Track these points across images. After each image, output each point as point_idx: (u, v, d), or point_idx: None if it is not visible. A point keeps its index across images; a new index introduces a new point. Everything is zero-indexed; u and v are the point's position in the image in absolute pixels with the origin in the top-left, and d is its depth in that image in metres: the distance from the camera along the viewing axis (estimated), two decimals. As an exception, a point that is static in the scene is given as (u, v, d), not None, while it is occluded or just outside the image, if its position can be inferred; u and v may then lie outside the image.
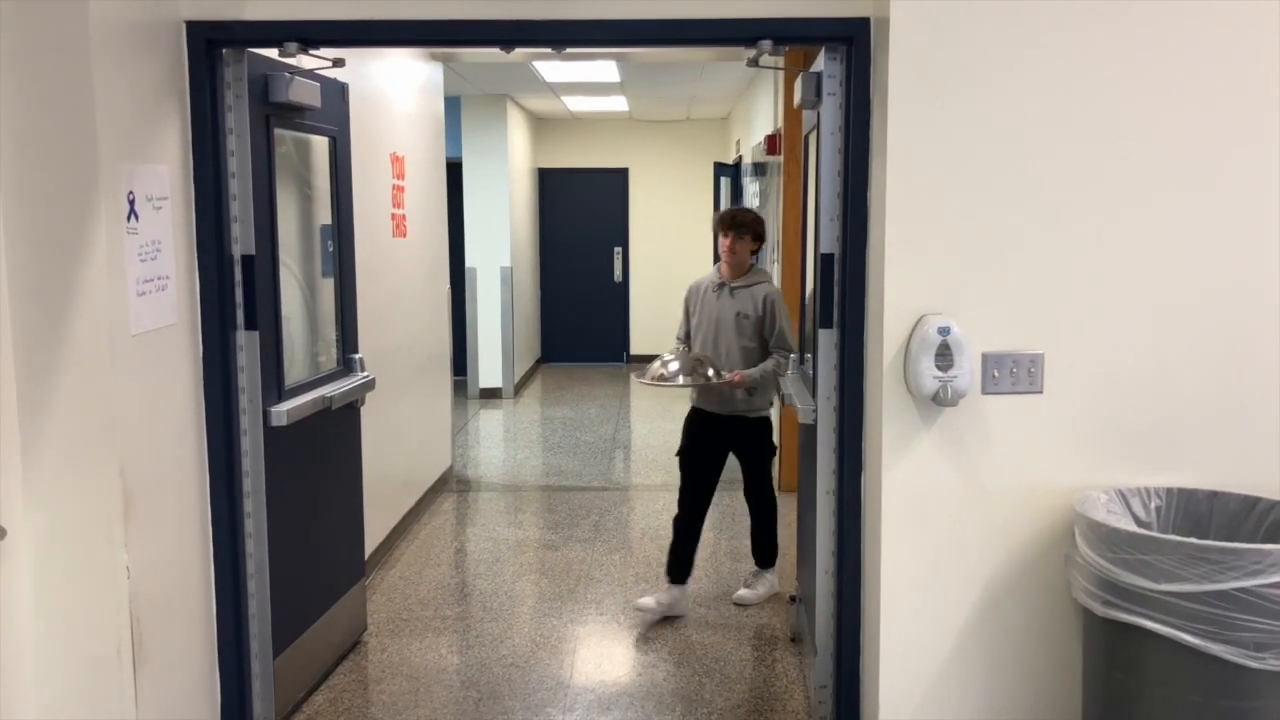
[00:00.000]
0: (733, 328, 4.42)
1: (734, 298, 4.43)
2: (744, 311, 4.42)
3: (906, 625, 2.96)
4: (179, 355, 3.06)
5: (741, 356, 4.42)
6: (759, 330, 4.41)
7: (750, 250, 4.45)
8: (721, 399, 4.47)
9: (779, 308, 4.42)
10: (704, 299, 4.54)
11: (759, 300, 4.41)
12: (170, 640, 3.03)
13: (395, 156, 5.55)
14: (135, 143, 2.82)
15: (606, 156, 11.80)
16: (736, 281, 4.46)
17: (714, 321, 4.47)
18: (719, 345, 4.45)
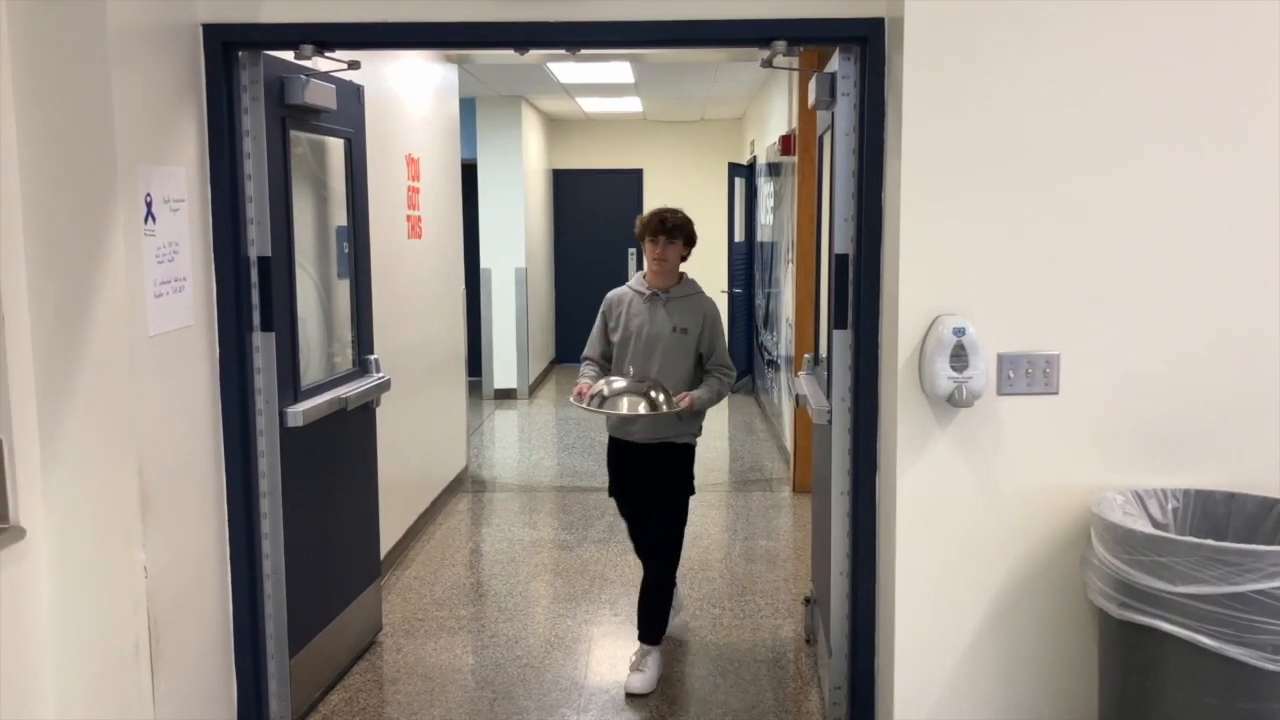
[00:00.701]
0: (670, 344, 3.89)
1: (669, 310, 3.90)
2: (682, 325, 3.89)
3: (921, 626, 2.95)
4: (196, 356, 3.08)
5: (680, 377, 3.90)
6: (697, 347, 3.93)
7: (681, 256, 3.95)
8: (649, 426, 3.89)
9: (719, 323, 3.99)
10: (630, 312, 3.96)
11: (701, 312, 3.92)
12: (187, 639, 3.05)
13: (410, 158, 5.57)
14: (152, 145, 2.84)
15: (621, 158, 11.81)
16: (671, 292, 3.93)
17: (646, 338, 3.90)
18: (652, 365, 3.88)
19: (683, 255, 3.94)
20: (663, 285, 3.94)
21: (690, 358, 3.92)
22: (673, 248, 3.88)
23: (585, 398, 3.78)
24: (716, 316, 3.97)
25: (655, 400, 3.73)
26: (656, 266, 3.90)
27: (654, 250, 3.87)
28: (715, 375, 3.94)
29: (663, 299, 3.91)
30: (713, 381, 3.92)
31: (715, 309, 3.98)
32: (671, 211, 3.92)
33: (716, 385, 3.92)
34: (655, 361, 3.89)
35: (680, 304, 3.93)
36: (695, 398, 3.82)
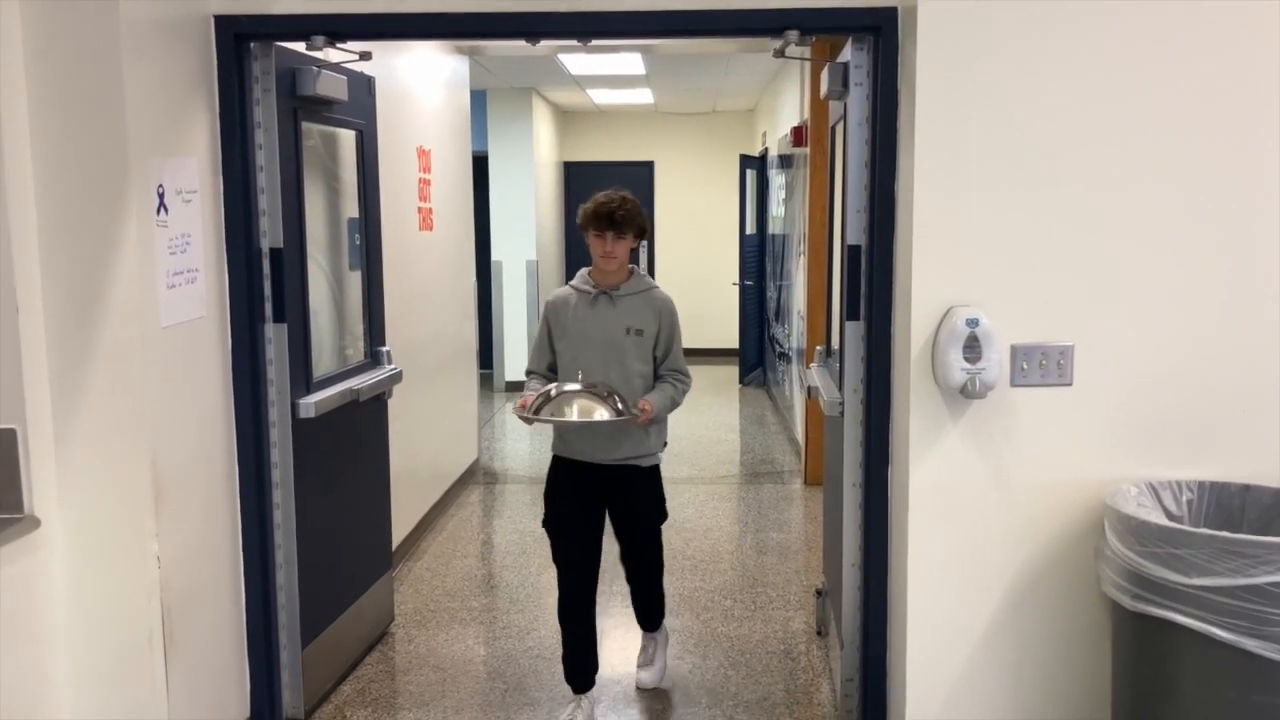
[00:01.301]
0: (624, 347, 3.41)
1: (619, 309, 3.43)
2: (636, 325, 3.42)
3: (934, 618, 2.95)
4: (208, 348, 3.09)
5: (639, 387, 3.42)
6: (653, 349, 3.47)
7: (631, 247, 3.47)
8: (605, 441, 3.41)
9: (677, 323, 3.50)
10: (575, 315, 3.45)
11: (657, 310, 3.46)
12: (200, 630, 3.06)
13: (422, 150, 5.57)
14: (164, 136, 2.84)
15: (632, 150, 11.79)
16: (621, 289, 3.45)
17: (596, 341, 3.41)
18: (607, 372, 3.39)
19: (633, 249, 3.48)
20: (611, 282, 3.45)
21: (648, 362, 3.46)
22: (622, 242, 3.39)
23: (529, 407, 3.26)
24: (674, 315, 3.50)
25: (615, 405, 3.24)
26: (604, 264, 3.41)
27: (601, 245, 3.39)
28: (669, 381, 3.46)
29: (612, 297, 3.43)
30: (666, 387, 3.44)
31: (672, 306, 3.51)
32: (620, 200, 3.39)
33: (671, 391, 3.44)
34: (609, 369, 3.41)
35: (633, 302, 3.45)
36: (653, 404, 3.35)
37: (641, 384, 3.43)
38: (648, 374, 3.46)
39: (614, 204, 3.37)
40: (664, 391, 3.44)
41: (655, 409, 3.35)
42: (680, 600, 4.61)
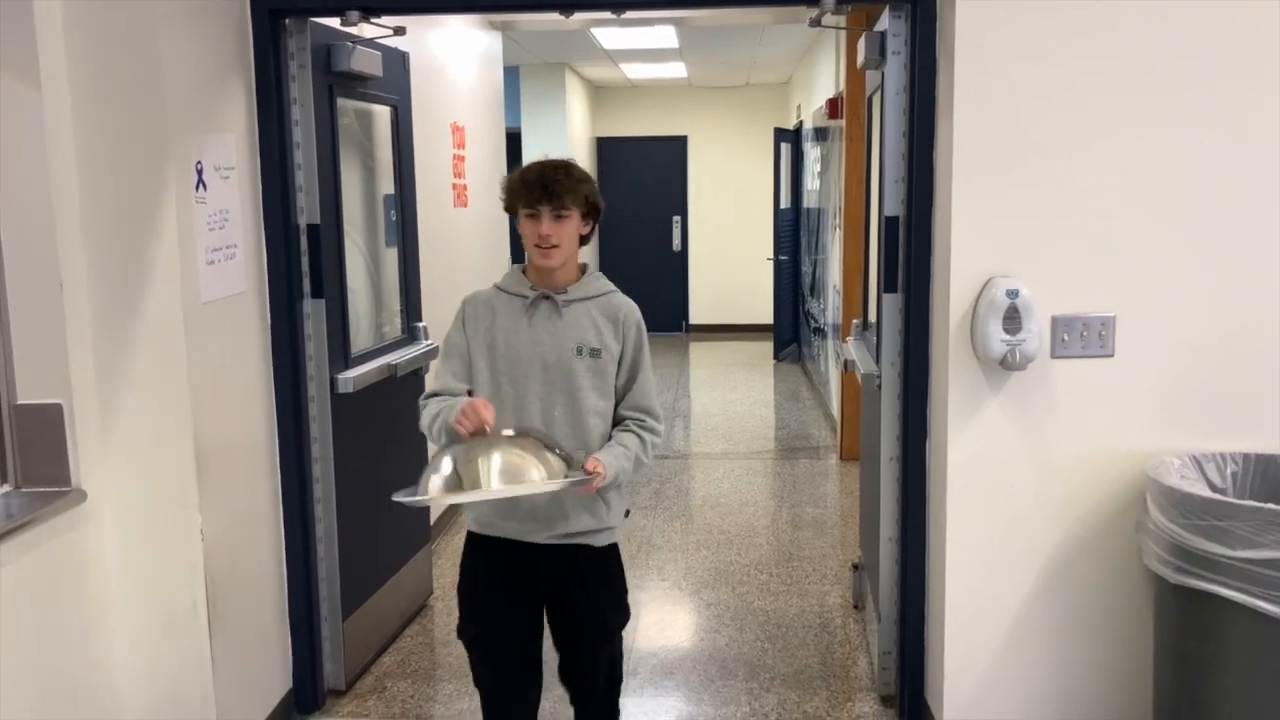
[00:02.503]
0: (574, 374, 2.48)
1: (566, 319, 2.49)
2: (591, 343, 2.49)
3: (972, 591, 2.93)
4: (248, 323, 3.11)
5: (592, 432, 2.49)
6: (612, 377, 2.52)
7: (581, 233, 2.52)
8: (542, 511, 2.49)
9: (645, 344, 2.56)
10: (502, 326, 2.52)
11: (619, 322, 2.53)
12: (243, 601, 3.10)
13: (455, 126, 5.57)
14: (203, 113, 2.86)
15: (665, 124, 11.74)
16: (569, 292, 2.52)
17: (532, 364, 2.48)
18: (549, 408, 2.49)
19: (583, 234, 2.52)
20: (554, 282, 2.51)
21: (606, 396, 2.51)
22: (564, 223, 2.43)
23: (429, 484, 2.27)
24: (643, 332, 2.56)
25: (551, 464, 2.27)
26: (541, 257, 2.45)
27: (533, 228, 2.44)
28: (634, 430, 2.51)
29: (557, 303, 2.49)
30: (629, 438, 2.49)
31: (640, 319, 2.58)
32: (558, 166, 2.47)
33: (636, 444, 2.49)
34: (553, 404, 2.48)
35: (585, 310, 2.51)
36: (606, 463, 2.37)
37: (599, 428, 2.50)
38: (607, 414, 2.52)
39: (549, 170, 2.44)
40: (625, 447, 2.47)
41: (609, 474, 2.36)
42: (716, 574, 4.62)
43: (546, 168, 2.47)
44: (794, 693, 3.53)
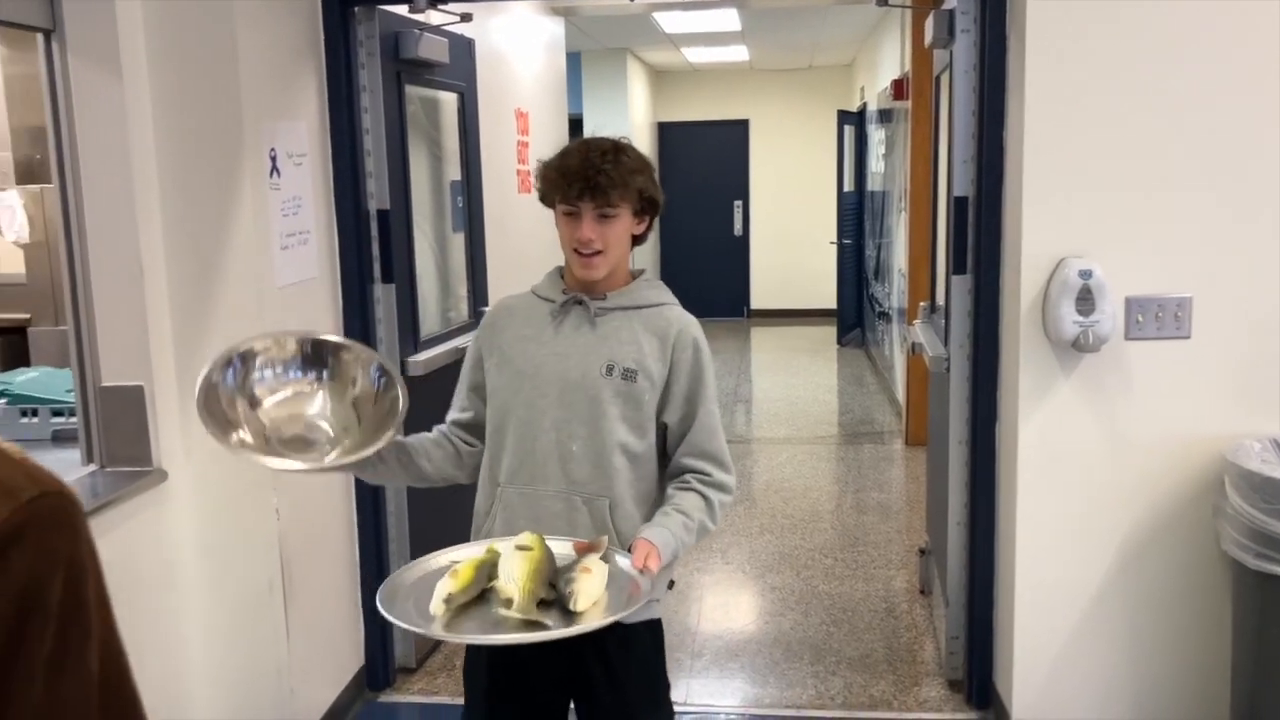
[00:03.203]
0: (600, 399, 1.96)
1: (600, 331, 2.00)
2: (626, 363, 1.97)
3: (1043, 577, 2.90)
4: (320, 307, 3.17)
5: (610, 466, 1.96)
6: (656, 409, 1.99)
7: (633, 233, 2.02)
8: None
9: (706, 370, 2.02)
10: (519, 333, 2.05)
11: (668, 341, 2.00)
12: (317, 579, 3.17)
13: (520, 112, 5.60)
14: (276, 101, 2.92)
15: (726, 108, 11.69)
16: (610, 299, 2.03)
17: (548, 380, 1.99)
18: (565, 442, 1.97)
19: (636, 235, 2.03)
20: (594, 286, 2.02)
21: (638, 431, 1.98)
22: (611, 224, 1.96)
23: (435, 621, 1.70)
24: (703, 355, 2.02)
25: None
26: (581, 265, 1.98)
27: (573, 229, 1.97)
28: (695, 487, 1.97)
29: (590, 308, 2.01)
30: (689, 500, 1.95)
31: (700, 338, 2.03)
32: (606, 150, 1.95)
33: (699, 509, 1.95)
34: (569, 438, 1.96)
35: (625, 323, 2.01)
36: (662, 546, 1.83)
37: (627, 471, 1.96)
38: (640, 455, 1.98)
39: (596, 156, 1.93)
40: (684, 514, 1.92)
41: (666, 558, 1.83)
42: (780, 558, 4.61)
43: (592, 152, 1.93)
44: (860, 676, 3.52)
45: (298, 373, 1.96)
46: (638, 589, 1.75)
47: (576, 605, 1.68)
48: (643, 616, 1.95)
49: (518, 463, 2.00)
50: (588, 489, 1.96)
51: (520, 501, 2.00)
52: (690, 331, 2.02)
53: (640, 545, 1.83)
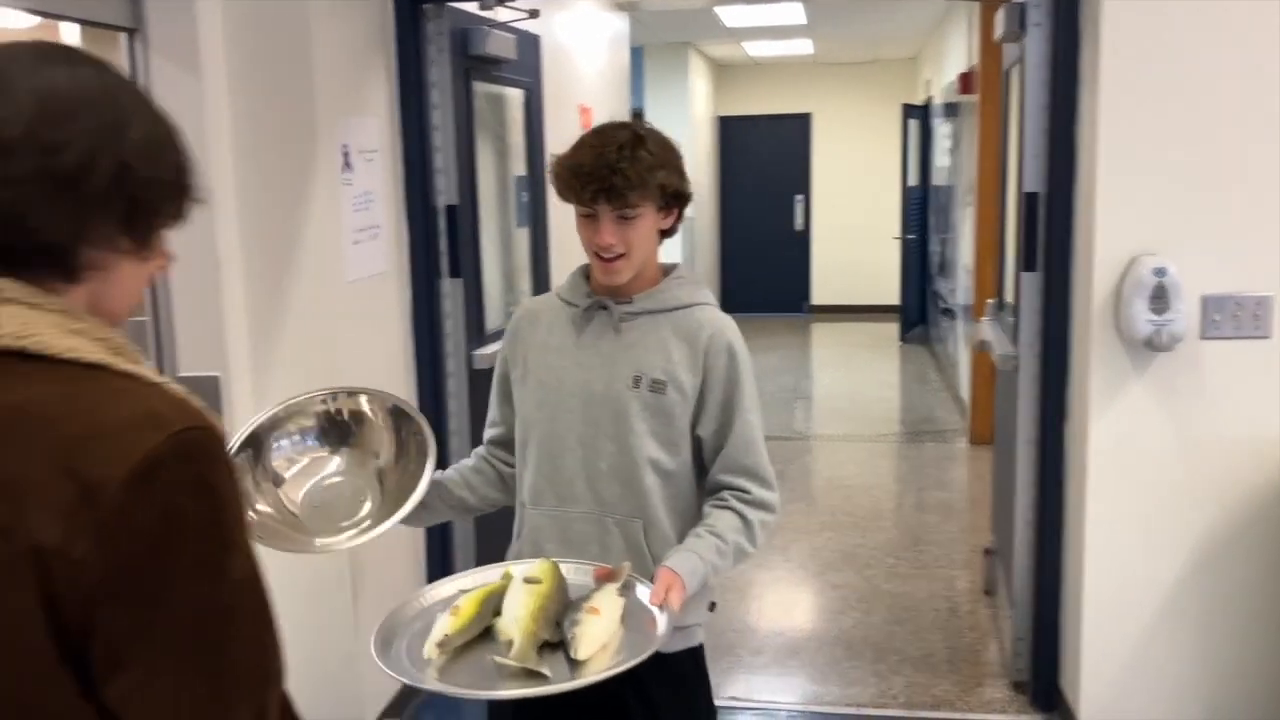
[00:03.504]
0: (626, 413, 1.83)
1: (625, 337, 1.86)
2: (653, 373, 1.82)
3: (1113, 579, 2.85)
4: (390, 301, 3.22)
5: (641, 486, 1.83)
6: (690, 422, 1.85)
7: (660, 229, 1.87)
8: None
9: (741, 372, 1.86)
10: (542, 340, 1.93)
11: (699, 346, 1.84)
12: (384, 570, 3.22)
13: (583, 108, 5.63)
14: (348, 97, 2.96)
15: (788, 102, 11.62)
16: (636, 301, 1.88)
17: (571, 393, 1.86)
18: (592, 460, 1.84)
19: (663, 230, 1.87)
20: (619, 288, 1.87)
21: (670, 447, 1.84)
22: (632, 225, 1.80)
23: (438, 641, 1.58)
24: (737, 359, 1.85)
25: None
26: (603, 270, 1.84)
27: (592, 232, 1.82)
28: (732, 505, 1.82)
29: (614, 313, 1.87)
30: (723, 520, 1.80)
31: (733, 342, 1.86)
32: (623, 144, 1.76)
33: (735, 529, 1.80)
34: (596, 456, 1.84)
35: (652, 327, 1.86)
36: (687, 576, 1.69)
37: (659, 490, 1.84)
38: (673, 472, 1.85)
39: (612, 152, 1.75)
40: (717, 537, 1.78)
41: (691, 587, 1.70)
42: (842, 556, 4.59)
43: (607, 149, 1.75)
44: (922, 676, 3.50)
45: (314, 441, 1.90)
46: (654, 627, 1.59)
47: (577, 654, 1.52)
48: (681, 645, 1.87)
49: (544, 482, 1.88)
50: (619, 510, 1.84)
51: (549, 524, 1.88)
52: (724, 335, 1.85)
53: (662, 576, 1.67)
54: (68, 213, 0.91)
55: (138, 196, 0.95)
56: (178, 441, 0.87)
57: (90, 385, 0.89)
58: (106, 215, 0.93)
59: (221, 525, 0.89)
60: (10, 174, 0.89)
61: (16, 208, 0.89)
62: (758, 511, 1.83)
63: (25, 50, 0.94)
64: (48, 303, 0.91)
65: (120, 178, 0.93)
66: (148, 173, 0.95)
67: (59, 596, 0.83)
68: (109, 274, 0.96)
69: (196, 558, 0.87)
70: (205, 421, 0.91)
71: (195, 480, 0.87)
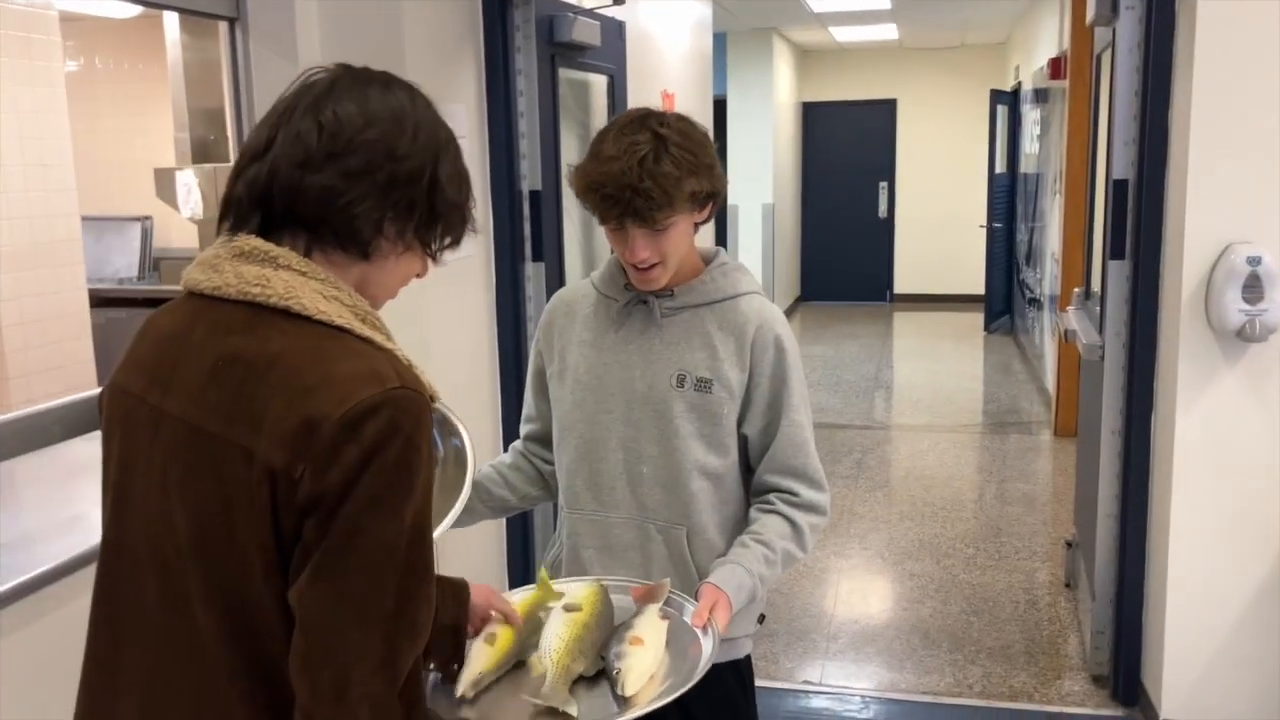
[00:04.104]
0: (669, 414, 1.73)
1: (667, 333, 1.75)
2: (693, 369, 1.73)
3: (1198, 574, 2.81)
4: (476, 284, 3.30)
5: (687, 491, 1.74)
6: (735, 422, 1.75)
7: (697, 221, 1.73)
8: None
9: (789, 367, 1.75)
10: (580, 336, 1.81)
11: (745, 340, 1.74)
12: (467, 553, 3.30)
13: (666, 94, 5.65)
14: (438, 84, 3.01)
15: (874, 88, 11.49)
16: (677, 294, 1.76)
17: (611, 393, 1.76)
18: (627, 457, 1.76)
19: (699, 220, 1.74)
20: (657, 280, 1.73)
21: (718, 448, 1.75)
22: (665, 236, 1.66)
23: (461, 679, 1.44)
24: (786, 352, 1.75)
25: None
26: (639, 277, 1.72)
27: (622, 246, 1.69)
28: (780, 509, 1.74)
29: (654, 308, 1.76)
30: (771, 526, 1.72)
31: (784, 335, 1.76)
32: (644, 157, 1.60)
33: (783, 536, 1.72)
34: (638, 460, 1.75)
35: (696, 321, 1.76)
36: (733, 592, 1.62)
37: (707, 495, 1.75)
38: (724, 477, 1.76)
39: (633, 168, 1.59)
40: (764, 546, 1.70)
41: (738, 604, 1.63)
42: (919, 545, 4.57)
43: (628, 169, 1.59)
44: (1000, 667, 3.48)
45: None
46: (699, 650, 1.49)
47: (625, 690, 1.41)
48: (727, 657, 1.76)
49: (582, 485, 1.78)
50: (661, 516, 1.74)
51: (588, 529, 1.79)
52: (771, 328, 1.74)
53: (706, 594, 1.58)
54: (385, 209, 1.10)
55: (438, 211, 1.15)
56: (388, 397, 1.02)
57: (332, 344, 1.06)
58: (409, 218, 1.13)
59: (409, 473, 1.02)
60: (353, 168, 1.08)
61: (347, 197, 1.08)
62: (807, 515, 1.74)
63: (365, 74, 1.17)
64: (313, 272, 1.09)
65: (432, 193, 1.13)
66: (452, 196, 1.16)
67: (280, 507, 1.00)
68: (385, 263, 1.15)
69: (378, 494, 1.00)
70: (417, 385, 1.07)
71: (395, 429, 1.01)
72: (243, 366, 1.04)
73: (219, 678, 1.04)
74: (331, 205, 1.08)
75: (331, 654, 0.99)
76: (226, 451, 1.02)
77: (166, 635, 1.07)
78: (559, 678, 1.43)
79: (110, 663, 1.12)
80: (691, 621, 1.55)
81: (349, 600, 0.99)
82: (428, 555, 1.05)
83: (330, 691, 0.99)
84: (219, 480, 1.02)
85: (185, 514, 1.04)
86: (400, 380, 1.04)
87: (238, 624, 1.03)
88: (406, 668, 1.04)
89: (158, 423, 1.08)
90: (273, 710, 1.03)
